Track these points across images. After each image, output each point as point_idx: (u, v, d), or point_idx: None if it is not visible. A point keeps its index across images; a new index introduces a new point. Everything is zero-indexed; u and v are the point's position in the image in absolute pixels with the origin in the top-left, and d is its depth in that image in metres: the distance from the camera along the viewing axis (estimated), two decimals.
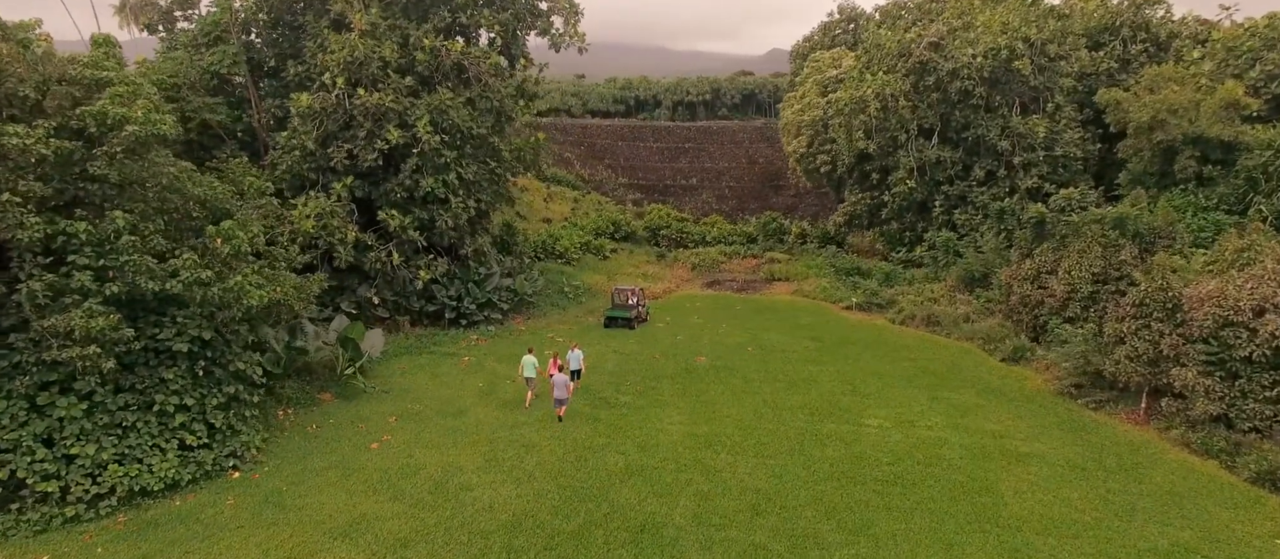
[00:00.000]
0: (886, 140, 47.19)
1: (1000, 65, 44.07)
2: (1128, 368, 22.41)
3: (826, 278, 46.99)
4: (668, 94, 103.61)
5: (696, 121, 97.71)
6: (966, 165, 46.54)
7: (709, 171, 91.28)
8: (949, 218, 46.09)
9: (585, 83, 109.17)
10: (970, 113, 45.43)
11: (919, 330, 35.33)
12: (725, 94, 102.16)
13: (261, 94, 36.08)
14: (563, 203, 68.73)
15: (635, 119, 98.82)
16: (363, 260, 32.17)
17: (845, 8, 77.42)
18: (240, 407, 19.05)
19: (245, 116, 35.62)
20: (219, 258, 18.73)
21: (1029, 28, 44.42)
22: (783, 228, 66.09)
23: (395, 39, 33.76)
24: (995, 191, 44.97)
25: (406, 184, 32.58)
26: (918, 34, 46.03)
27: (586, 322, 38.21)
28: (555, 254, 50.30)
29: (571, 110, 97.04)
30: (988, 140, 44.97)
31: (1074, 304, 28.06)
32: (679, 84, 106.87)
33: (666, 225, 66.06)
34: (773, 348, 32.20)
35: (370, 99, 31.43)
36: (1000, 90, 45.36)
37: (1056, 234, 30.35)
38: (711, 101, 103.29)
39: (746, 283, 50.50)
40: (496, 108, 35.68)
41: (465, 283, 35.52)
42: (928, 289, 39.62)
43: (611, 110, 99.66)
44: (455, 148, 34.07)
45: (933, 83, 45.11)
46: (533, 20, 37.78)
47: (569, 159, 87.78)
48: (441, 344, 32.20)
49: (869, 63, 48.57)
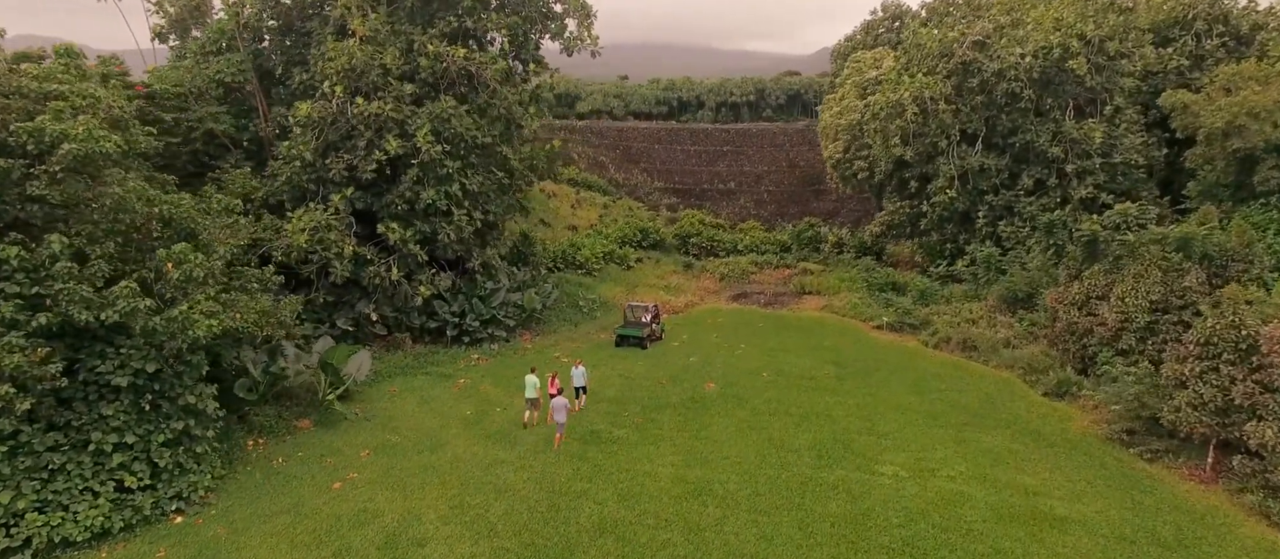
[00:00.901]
0: (926, 147, 44.09)
1: (1052, 65, 40.62)
2: (1190, 417, 19.43)
3: (859, 292, 44.19)
4: (711, 95, 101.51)
5: (736, 123, 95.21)
6: (1013, 173, 43.15)
7: (747, 175, 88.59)
8: (993, 230, 42.77)
9: (628, 84, 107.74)
10: (1018, 117, 42.06)
11: (954, 355, 32.44)
12: (770, 95, 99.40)
13: (271, 102, 35.36)
14: (591, 209, 67.15)
15: (673, 122, 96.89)
16: (361, 275, 30.99)
17: (889, 5, 73.99)
18: (191, 443, 17.79)
19: (252, 125, 34.92)
20: (170, 284, 17.51)
21: (1085, 24, 40.82)
22: (818, 236, 63.18)
23: (399, 45, 32.56)
24: (1045, 202, 41.50)
25: (406, 196, 31.29)
26: (960, 33, 42.84)
27: (598, 339, 36.42)
28: (575, 264, 48.64)
29: (613, 112, 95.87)
30: (1037, 146, 41.54)
31: (1128, 335, 24.97)
32: (722, 84, 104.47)
33: (697, 233, 63.84)
34: (790, 374, 29.83)
35: (369, 108, 30.23)
36: (1052, 92, 41.87)
37: (1110, 254, 27.18)
38: (756, 102, 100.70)
39: (775, 296, 47.99)
40: (505, 115, 34.17)
41: (470, 298, 34.09)
42: (966, 308, 36.57)
43: (654, 111, 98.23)
44: (459, 157, 32.65)
45: (976, 85, 41.90)
46: (545, 24, 36.12)
47: (604, 163, 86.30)
48: (440, 364, 30.80)
49: (908, 64, 45.52)
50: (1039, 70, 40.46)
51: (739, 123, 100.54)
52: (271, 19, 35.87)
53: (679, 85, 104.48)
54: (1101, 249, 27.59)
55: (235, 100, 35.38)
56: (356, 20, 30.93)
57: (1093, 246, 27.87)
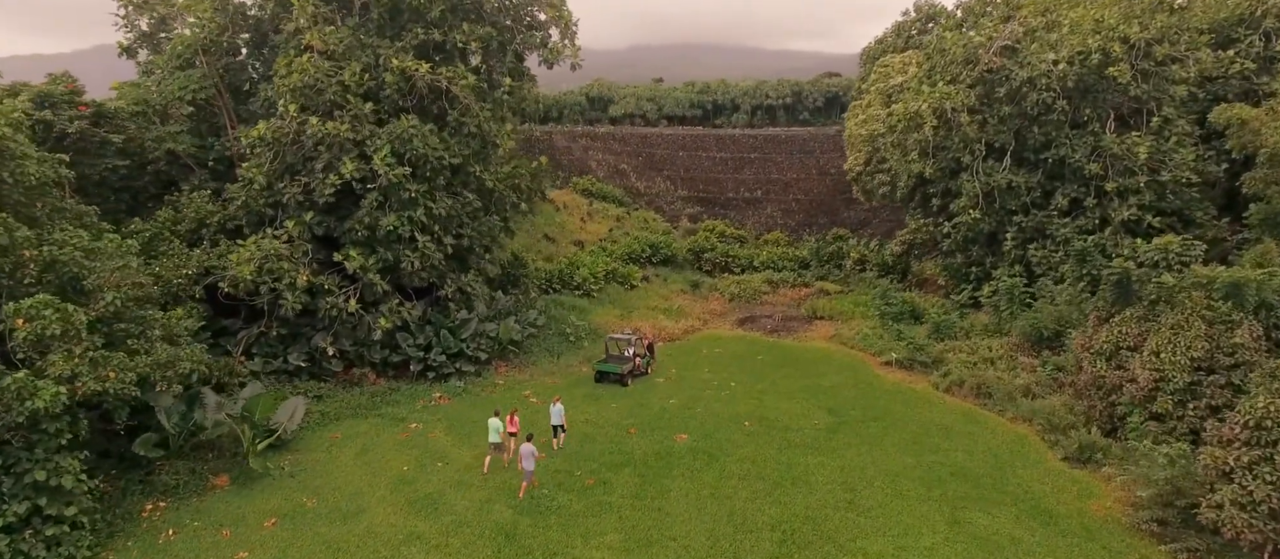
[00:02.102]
0: (947, 162, 40.32)
1: (1090, 72, 36.51)
2: (1237, 518, 15.85)
3: (872, 320, 40.67)
4: (746, 97, 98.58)
5: (766, 128, 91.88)
6: (1046, 192, 39.07)
7: (775, 183, 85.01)
8: (1022, 254, 38.77)
9: (662, 87, 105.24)
10: (1052, 129, 37.99)
11: (966, 401, 28.89)
12: (807, 97, 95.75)
13: (243, 119, 33.73)
14: (603, 221, 64.65)
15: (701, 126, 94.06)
16: (318, 306, 29.01)
17: (922, 5, 69.65)
18: (42, 526, 15.76)
19: (219, 144, 33.33)
20: (21, 343, 15.55)
21: (1129, 26, 36.58)
22: (840, 252, 59.57)
23: (364, 60, 30.51)
24: (1081, 224, 37.40)
25: (365, 222, 29.21)
26: (987, 37, 38.96)
27: (580, 372, 33.86)
28: (572, 285, 46.11)
29: (646, 115, 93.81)
30: (1073, 162, 37.45)
31: (1163, 397, 21.27)
32: (758, 87, 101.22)
33: (711, 248, 60.83)
34: (776, 423, 26.76)
35: (324, 128, 28.22)
36: (1090, 102, 37.70)
37: (1145, 297, 23.39)
38: (792, 105, 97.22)
39: (784, 321, 44.73)
40: (479, 133, 31.85)
41: (438, 329, 31.84)
42: (985, 345, 32.86)
43: (688, 115, 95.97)
44: (425, 180, 30.47)
45: (1004, 94, 37.99)
46: (527, 34, 33.66)
47: (625, 171, 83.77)
48: (396, 403, 28.61)
49: (932, 70, 41.77)
50: (1075, 78, 36.39)
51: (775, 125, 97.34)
52: (242, 32, 34.29)
53: (714, 88, 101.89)
54: (1135, 290, 23.80)
55: (205, 117, 33.89)
56: (310, 34, 28.96)
57: (1124, 287, 24.08)
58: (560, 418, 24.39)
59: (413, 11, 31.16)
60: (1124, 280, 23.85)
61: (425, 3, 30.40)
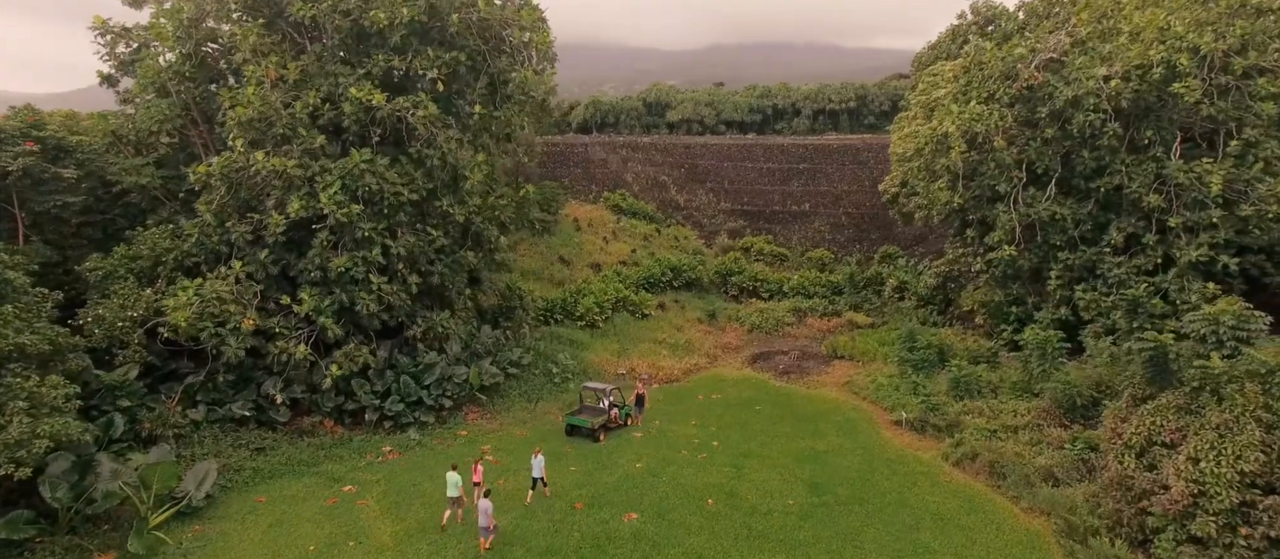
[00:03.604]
0: (981, 189, 35.74)
1: (1150, 89, 31.45)
2: None
3: (893, 364, 36.50)
4: (807, 101, 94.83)
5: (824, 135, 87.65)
6: (1098, 224, 34.07)
7: (825, 195, 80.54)
8: (1068, 296, 33.95)
9: (722, 91, 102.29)
10: (1105, 154, 33.01)
11: (977, 480, 24.74)
12: (872, 100, 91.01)
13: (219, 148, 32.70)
14: (628, 241, 61.87)
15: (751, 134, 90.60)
16: (267, 351, 27.49)
17: (980, 6, 64.00)
18: None
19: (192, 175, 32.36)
20: None
21: (1200, 34, 31.28)
22: (879, 277, 55.02)
23: (324, 89, 28.85)
24: (1139, 263, 32.37)
25: (315, 262, 27.51)
26: (1030, 49, 34.21)
27: (554, 422, 31.33)
28: (576, 316, 43.59)
29: (704, 120, 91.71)
30: (1130, 192, 32.40)
31: (1205, 517, 16.97)
32: (820, 90, 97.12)
33: (738, 271, 57.18)
34: (746, 502, 23.44)
35: (269, 163, 26.63)
36: (1152, 123, 32.52)
37: (1187, 382, 18.98)
38: (856, 109, 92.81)
39: (800, 359, 40.98)
40: (444, 165, 29.74)
41: (399, 375, 29.89)
42: (1011, 408, 28.50)
43: (747, 120, 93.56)
44: (383, 216, 28.56)
45: (1047, 114, 33.24)
46: (502, 58, 31.30)
47: (664, 183, 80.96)
48: (340, 459, 26.73)
49: (967, 86, 37.21)
50: (1131, 96, 31.36)
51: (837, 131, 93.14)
52: (222, 59, 33.28)
53: (774, 92, 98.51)
54: (1175, 371, 19.37)
55: (183, 146, 33.07)
56: (257, 66, 27.43)
57: (1160, 365, 19.66)
58: (540, 470, 23.32)
59: (377, 37, 29.32)
60: (1160, 358, 19.45)
61: (385, 28, 28.47)
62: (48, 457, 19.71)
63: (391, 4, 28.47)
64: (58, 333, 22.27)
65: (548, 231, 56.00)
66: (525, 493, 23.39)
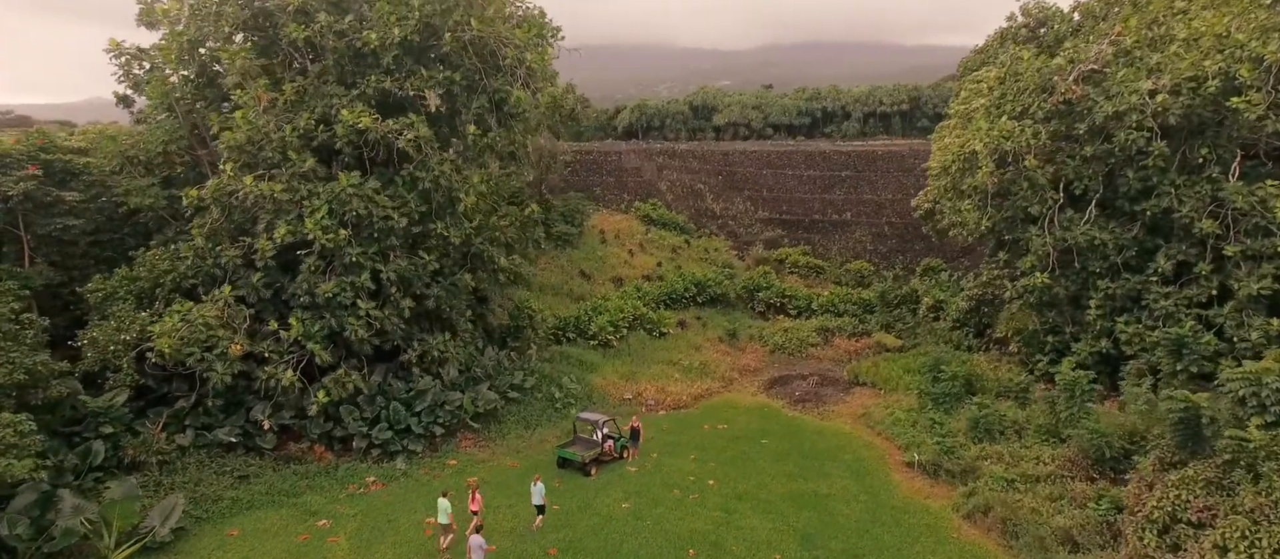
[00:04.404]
0: (1014, 210, 33.14)
1: (1204, 104, 28.52)
2: None
3: (914, 394, 34.18)
4: (857, 104, 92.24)
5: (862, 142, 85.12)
6: (1144, 250, 31.18)
7: (867, 204, 77.79)
8: (1109, 326, 31.16)
9: (770, 94, 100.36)
10: (1153, 173, 30.13)
11: (988, 539, 22.56)
12: (926, 102, 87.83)
13: None
14: (655, 253, 60.54)
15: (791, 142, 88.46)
16: (255, 376, 27.29)
17: (1032, 7, 60.23)
18: None
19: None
20: None
21: (1265, 43, 28.18)
22: (914, 294, 52.18)
23: (319, 111, 28.50)
24: (1190, 294, 29.47)
25: (303, 288, 27.17)
26: (1068, 59, 31.51)
27: (548, 451, 30.23)
28: (589, 335, 42.52)
29: (751, 123, 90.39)
30: (1181, 216, 29.48)
31: None
32: (871, 93, 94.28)
33: (766, 286, 55.16)
34: (729, 555, 21.92)
35: (257, 188, 26.39)
36: (1208, 140, 29.51)
37: (1220, 452, 16.61)
38: (909, 112, 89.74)
39: (820, 385, 38.97)
40: (436, 187, 29.06)
41: (390, 401, 29.35)
42: (1034, 454, 26.09)
43: (795, 123, 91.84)
44: (373, 241, 28.05)
45: (1086, 130, 30.55)
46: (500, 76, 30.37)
47: (701, 191, 79.39)
48: (322, 489, 26.21)
49: (1002, 98, 34.63)
50: (1181, 111, 28.46)
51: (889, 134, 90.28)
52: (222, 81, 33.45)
53: (824, 94, 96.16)
54: (1207, 438, 17.00)
55: (192, 166, 33.38)
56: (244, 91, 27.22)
57: (1193, 430, 17.29)
58: (541, 498, 23.25)
59: (370, 57, 28.83)
60: (1191, 420, 17.11)
61: (378, 48, 27.94)
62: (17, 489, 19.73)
63: (384, 23, 27.93)
64: (38, 361, 22.38)
65: (570, 244, 55.16)
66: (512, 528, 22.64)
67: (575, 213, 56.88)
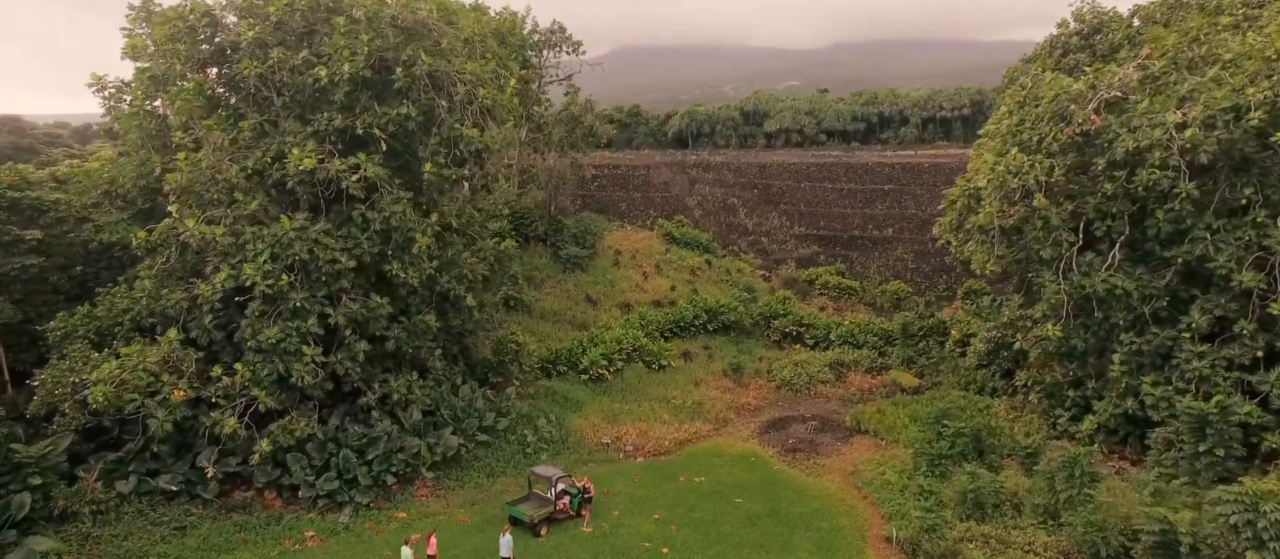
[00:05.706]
0: (1026, 252, 29.67)
1: (1247, 137, 24.65)
2: None
3: (913, 447, 31.01)
4: (915, 109, 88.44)
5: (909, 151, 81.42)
6: (1178, 300, 27.32)
7: (910, 220, 73.86)
8: (1135, 385, 27.45)
9: (824, 99, 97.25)
10: (1186, 215, 26.31)
11: None
12: (990, 105, 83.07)
13: None
14: (673, 274, 58.27)
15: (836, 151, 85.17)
16: (198, 424, 26.68)
17: (1086, 12, 55.52)
18: None
19: None
20: None
21: None
22: (942, 326, 48.37)
23: (273, 149, 27.73)
24: (1229, 354, 25.58)
25: (246, 333, 26.40)
26: (1088, 85, 27.91)
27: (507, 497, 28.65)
28: (580, 368, 40.71)
29: (804, 129, 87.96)
30: (1218, 266, 25.61)
31: None
32: (931, 97, 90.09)
33: (783, 313, 52.17)
34: None
35: (198, 231, 25.73)
36: (1254, 179, 25.53)
37: None
38: (970, 116, 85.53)
39: (819, 430, 36.17)
40: (389, 227, 27.89)
41: (340, 448, 28.33)
42: (1025, 539, 22.93)
43: (849, 129, 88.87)
44: (322, 284, 27.06)
45: (1105, 165, 26.96)
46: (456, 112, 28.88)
47: (733, 205, 76.87)
48: (258, 544, 25.32)
49: (1019, 124, 31.13)
50: (1215, 146, 24.64)
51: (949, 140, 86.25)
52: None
53: (881, 99, 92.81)
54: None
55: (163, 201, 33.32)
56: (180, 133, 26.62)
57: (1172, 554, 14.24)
58: (509, 549, 23.61)
59: (324, 93, 27.87)
60: (1170, 548, 14.09)
61: (327, 85, 26.94)
62: None
63: (335, 59, 26.91)
64: None
65: (580, 267, 53.59)
66: None
67: (587, 233, 55.25)
